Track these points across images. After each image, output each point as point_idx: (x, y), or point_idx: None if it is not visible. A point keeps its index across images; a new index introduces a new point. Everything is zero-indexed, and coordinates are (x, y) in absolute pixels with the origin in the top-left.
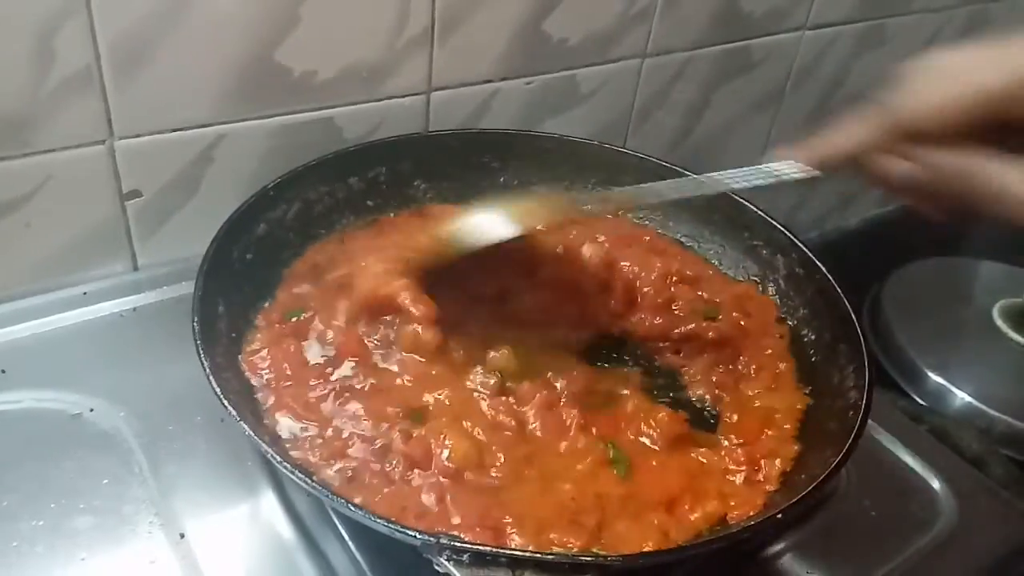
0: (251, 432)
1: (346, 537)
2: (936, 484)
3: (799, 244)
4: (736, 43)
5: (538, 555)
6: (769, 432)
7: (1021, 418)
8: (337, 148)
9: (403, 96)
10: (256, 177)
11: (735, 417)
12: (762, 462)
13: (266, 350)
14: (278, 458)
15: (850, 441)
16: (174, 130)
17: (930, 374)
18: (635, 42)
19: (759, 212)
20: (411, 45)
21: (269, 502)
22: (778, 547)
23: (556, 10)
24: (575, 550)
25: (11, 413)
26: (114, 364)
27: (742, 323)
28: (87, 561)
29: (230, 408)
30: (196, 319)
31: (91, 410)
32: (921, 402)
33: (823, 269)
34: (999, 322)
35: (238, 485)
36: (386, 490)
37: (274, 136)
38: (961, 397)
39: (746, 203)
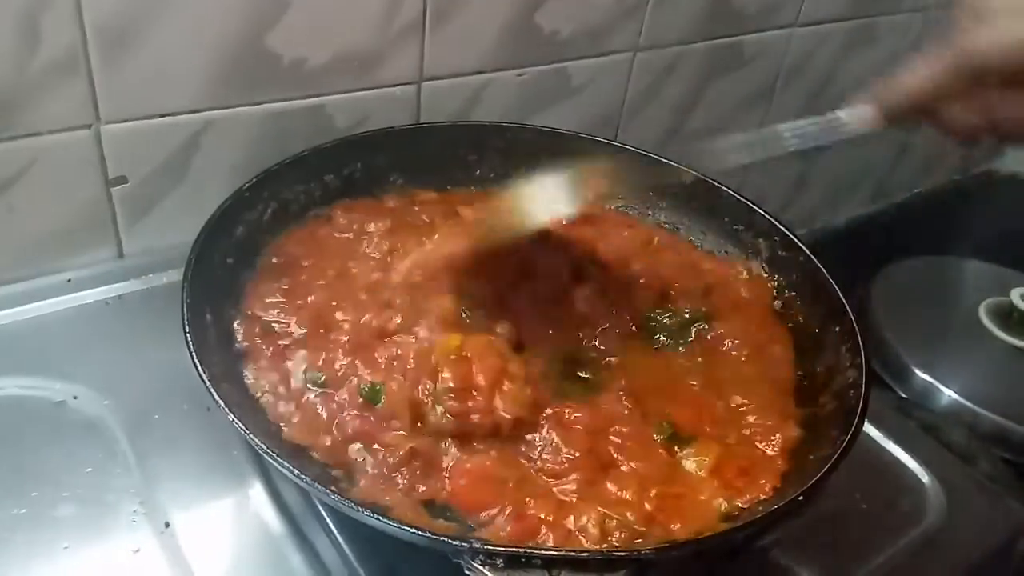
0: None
1: (334, 529)
2: (926, 479)
3: (779, 226)
4: (727, 39)
5: (572, 553)
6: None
7: (1006, 415)
8: (327, 137)
9: (394, 85)
10: (244, 165)
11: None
12: (762, 444)
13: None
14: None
15: (856, 419)
16: (161, 115)
17: (917, 371)
18: (627, 36)
19: (738, 197)
20: (403, 33)
21: (256, 492)
22: (768, 540)
23: (548, 2)
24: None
25: None
26: (99, 352)
27: (734, 304)
28: (70, 550)
29: (222, 404)
30: (188, 330)
31: (75, 398)
32: (908, 398)
33: (806, 251)
34: (985, 321)
35: (225, 475)
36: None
37: (263, 124)
38: (948, 395)
39: (723, 188)
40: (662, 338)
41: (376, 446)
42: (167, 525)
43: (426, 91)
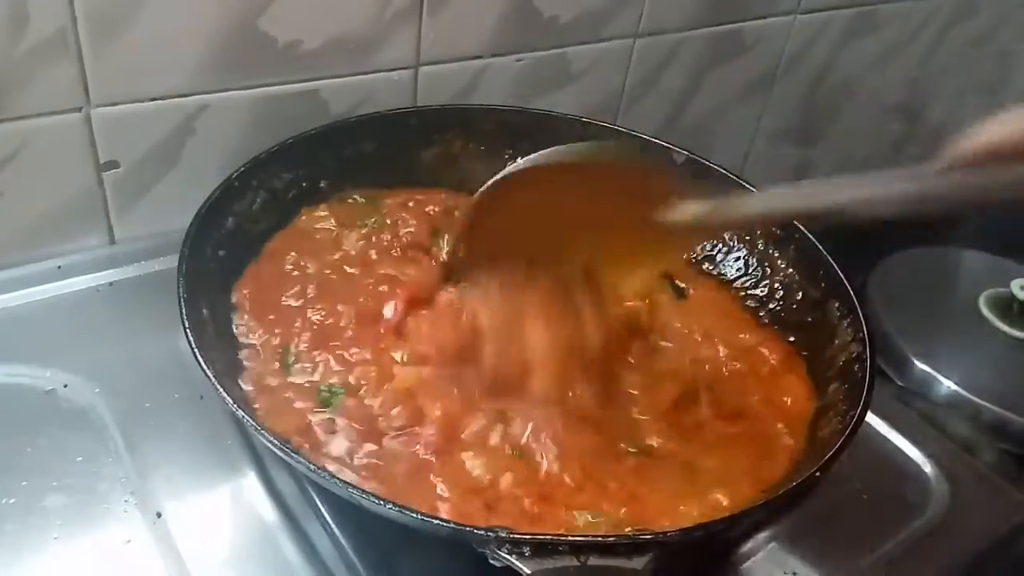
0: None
1: (329, 519)
2: (928, 468)
3: None
4: (729, 25)
5: (599, 539)
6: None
7: (1006, 407)
8: (322, 122)
9: (391, 70)
10: (238, 150)
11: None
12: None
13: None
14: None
15: (865, 392)
16: (154, 99)
17: (916, 362)
18: (627, 21)
19: (730, 175)
20: (399, 17)
21: (250, 482)
22: (769, 531)
23: None
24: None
25: None
26: (89, 340)
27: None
28: (60, 540)
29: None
30: (187, 326)
31: (65, 386)
32: (907, 388)
33: (801, 228)
34: (985, 311)
35: (218, 464)
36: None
37: (258, 108)
38: (947, 385)
39: (715, 167)
40: None
41: None
42: (159, 515)
43: (423, 76)
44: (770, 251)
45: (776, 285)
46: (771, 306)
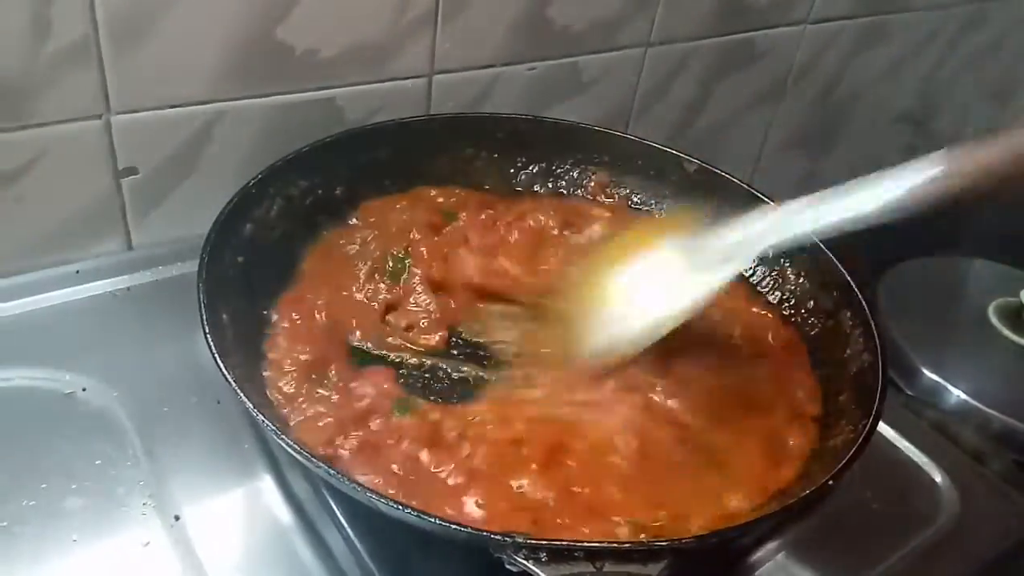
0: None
1: (344, 522)
2: (938, 478)
3: None
4: (739, 35)
5: (614, 545)
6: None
7: (1014, 415)
8: (338, 130)
9: (405, 78)
10: (255, 157)
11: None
12: (784, 433)
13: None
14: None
15: (877, 401)
16: (172, 106)
17: (925, 371)
18: (639, 30)
19: (741, 183)
20: (414, 26)
21: (267, 485)
22: (779, 540)
23: None
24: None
25: (2, 391)
26: (107, 344)
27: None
28: (79, 543)
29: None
30: (208, 331)
31: (84, 390)
32: (916, 397)
33: (812, 236)
34: (994, 321)
35: (235, 468)
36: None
37: (274, 115)
38: (956, 394)
39: (726, 176)
40: None
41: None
42: (177, 518)
43: (437, 84)
44: (781, 260)
45: (787, 294)
46: (782, 314)
